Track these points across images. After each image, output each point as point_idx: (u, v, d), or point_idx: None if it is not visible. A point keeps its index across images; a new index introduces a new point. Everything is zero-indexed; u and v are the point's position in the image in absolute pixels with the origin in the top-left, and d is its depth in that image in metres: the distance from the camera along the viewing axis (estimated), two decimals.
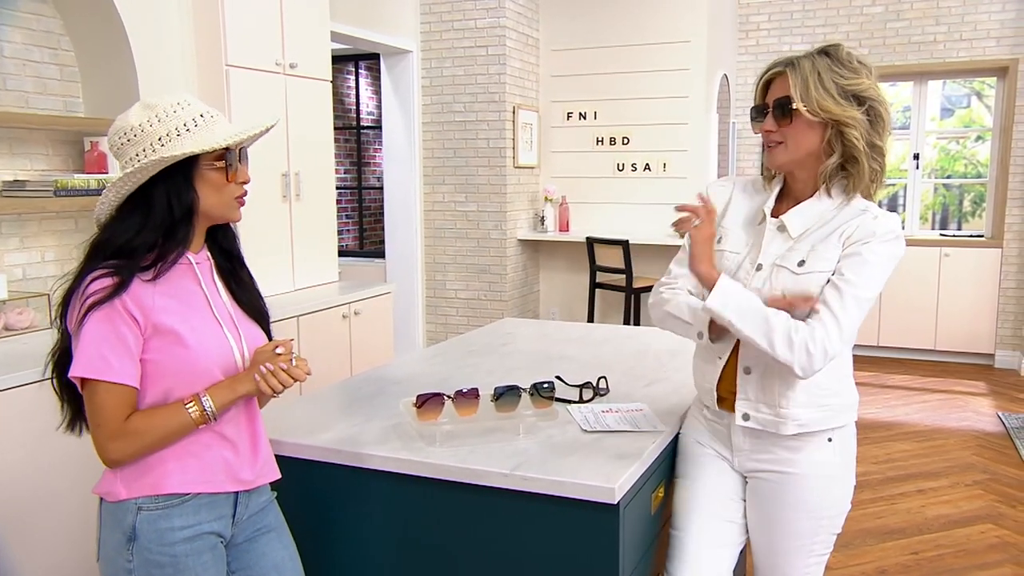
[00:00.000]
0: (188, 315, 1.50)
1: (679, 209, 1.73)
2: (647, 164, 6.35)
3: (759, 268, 1.73)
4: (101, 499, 1.51)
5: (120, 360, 1.41)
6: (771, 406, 1.72)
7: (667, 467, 1.91)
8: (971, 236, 6.82)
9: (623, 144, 6.41)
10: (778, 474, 1.76)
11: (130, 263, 1.44)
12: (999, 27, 6.38)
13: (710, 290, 1.67)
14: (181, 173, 1.47)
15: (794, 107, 1.64)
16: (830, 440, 1.75)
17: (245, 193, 1.57)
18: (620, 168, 6.44)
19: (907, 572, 3.21)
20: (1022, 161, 6.41)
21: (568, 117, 6.55)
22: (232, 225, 1.65)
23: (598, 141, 6.48)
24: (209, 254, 1.62)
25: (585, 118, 6.50)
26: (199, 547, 1.50)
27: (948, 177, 7.34)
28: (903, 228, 6.11)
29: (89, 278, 1.42)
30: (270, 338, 1.72)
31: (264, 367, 1.49)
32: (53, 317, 1.50)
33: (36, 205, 3.01)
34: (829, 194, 1.71)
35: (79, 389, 1.46)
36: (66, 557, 2.62)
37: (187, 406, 1.45)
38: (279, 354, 1.51)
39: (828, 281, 1.65)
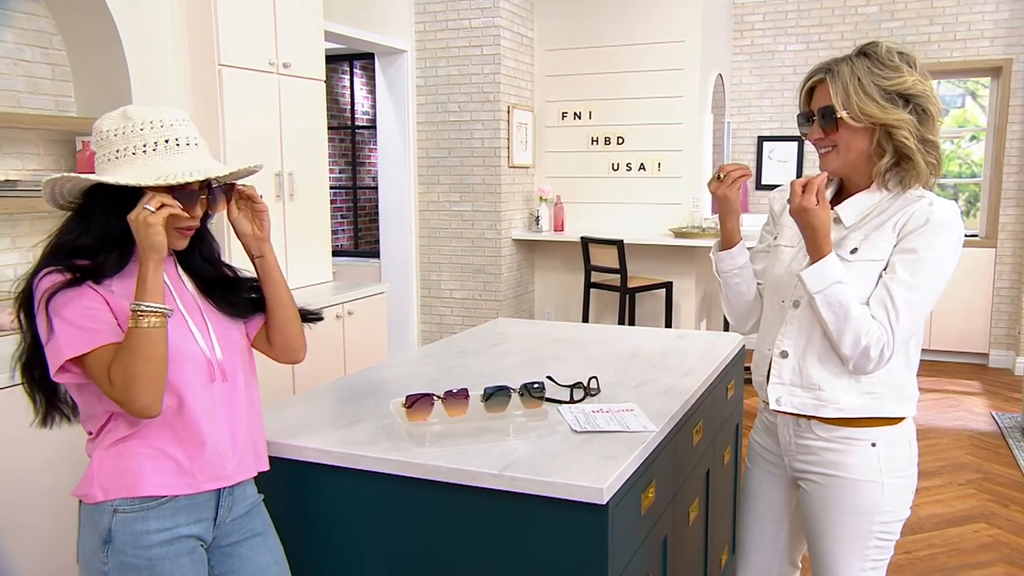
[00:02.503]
0: None
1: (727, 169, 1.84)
2: (642, 164, 6.36)
3: None
4: (80, 501, 1.51)
5: (98, 323, 1.41)
6: (809, 389, 1.73)
7: (658, 466, 1.91)
8: (966, 236, 6.79)
9: (618, 144, 6.41)
10: (824, 476, 1.76)
11: (85, 265, 1.44)
12: (993, 27, 6.39)
13: (722, 249, 1.90)
14: (124, 193, 1.44)
15: (837, 115, 1.66)
16: (874, 445, 1.72)
17: (189, 228, 1.52)
18: (615, 168, 6.45)
19: (900, 571, 3.22)
20: (1016, 161, 6.42)
21: (563, 117, 6.56)
22: (207, 250, 1.64)
23: (593, 141, 6.49)
24: (169, 251, 1.60)
25: (580, 118, 6.50)
26: (176, 550, 1.48)
27: (943, 177, 7.34)
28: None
29: (40, 274, 1.43)
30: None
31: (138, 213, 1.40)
32: (12, 320, 1.49)
33: (27, 205, 3.01)
34: (886, 187, 1.71)
35: (78, 377, 1.44)
36: (49, 559, 2.62)
37: (132, 325, 1.39)
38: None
39: (881, 275, 1.66)
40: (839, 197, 1.79)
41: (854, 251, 1.68)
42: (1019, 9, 6.31)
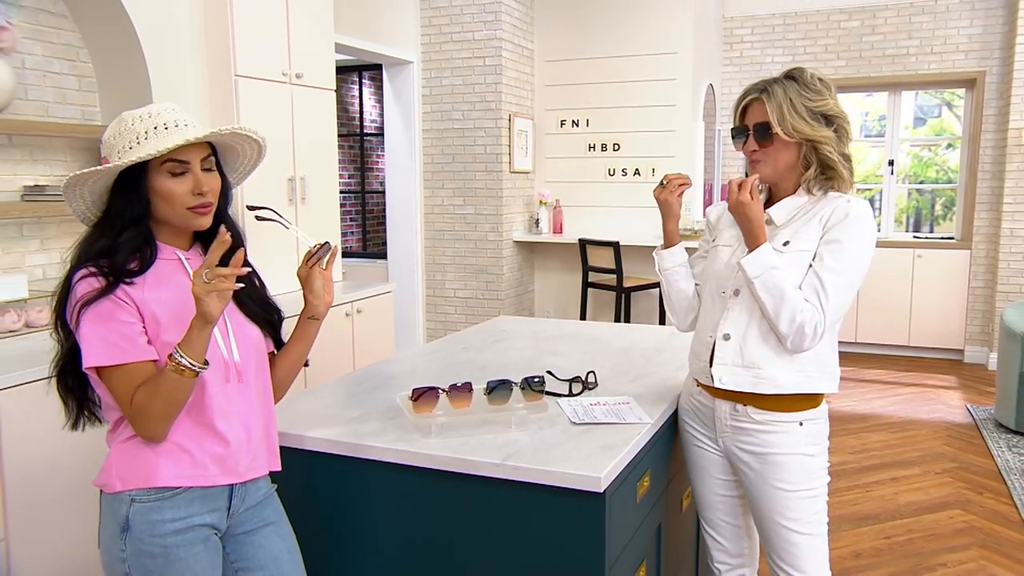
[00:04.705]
0: (175, 308, 1.48)
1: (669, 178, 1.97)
2: (636, 169, 6.35)
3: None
4: (100, 490, 1.51)
5: (125, 340, 1.41)
6: (748, 368, 1.81)
7: (652, 457, 1.91)
8: (942, 238, 6.83)
9: (614, 150, 6.41)
10: (759, 456, 1.84)
11: (111, 263, 1.44)
12: (967, 41, 6.39)
13: (665, 247, 2.00)
14: (132, 183, 1.46)
15: (773, 131, 1.77)
16: (801, 424, 1.83)
17: (202, 204, 1.49)
18: (611, 173, 6.44)
19: (880, 555, 3.22)
20: (990, 167, 6.42)
21: (561, 124, 6.55)
22: (231, 233, 1.62)
23: (590, 147, 6.48)
24: (201, 251, 1.60)
25: (577, 125, 6.50)
26: (190, 539, 1.48)
27: (921, 182, 7.35)
28: (879, 230, 6.16)
29: (76, 276, 1.42)
30: (278, 340, 1.71)
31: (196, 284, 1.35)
32: (51, 326, 1.49)
33: (55, 209, 3.01)
34: (811, 192, 1.83)
35: (94, 381, 1.45)
36: (76, 542, 2.62)
37: (168, 369, 1.39)
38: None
39: (811, 265, 1.76)
40: (767, 204, 1.91)
41: (786, 243, 1.80)
42: (992, 24, 6.31)
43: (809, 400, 1.83)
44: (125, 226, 1.46)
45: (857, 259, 1.75)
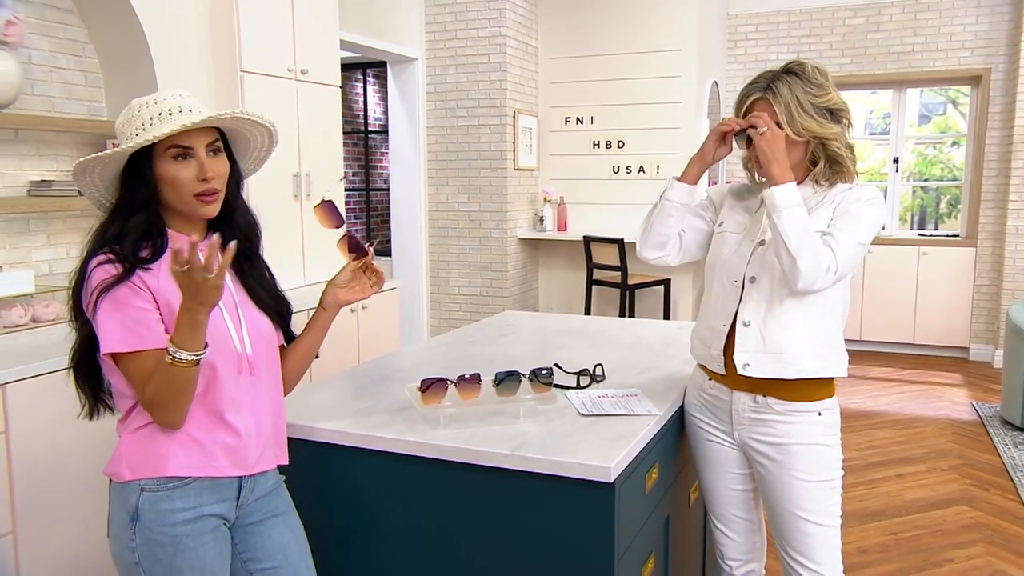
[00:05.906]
0: None
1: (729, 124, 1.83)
2: (641, 167, 6.35)
3: (761, 243, 1.83)
4: (110, 479, 1.51)
5: (142, 327, 1.40)
6: (771, 354, 1.80)
7: (661, 448, 1.91)
8: (947, 236, 6.81)
9: (618, 148, 6.41)
10: (776, 448, 1.83)
11: (123, 248, 1.43)
12: (973, 38, 6.37)
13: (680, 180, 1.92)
14: (138, 168, 1.46)
15: (782, 132, 1.74)
16: (819, 414, 1.83)
17: (207, 191, 1.48)
18: (615, 170, 6.44)
19: (886, 551, 3.21)
20: (995, 165, 6.40)
21: (566, 122, 6.55)
22: (244, 222, 1.62)
23: (594, 144, 6.48)
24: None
25: (582, 123, 6.49)
26: (200, 528, 1.47)
27: (926, 180, 7.33)
28: (883, 229, 6.10)
29: (93, 263, 1.42)
30: (287, 333, 1.71)
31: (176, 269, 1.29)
32: (68, 315, 1.49)
33: (61, 204, 3.01)
34: (817, 183, 1.82)
35: (114, 366, 1.44)
36: (86, 532, 2.63)
37: (167, 361, 1.36)
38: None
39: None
40: None
41: None
42: (997, 21, 6.29)
43: (825, 388, 1.83)
44: (134, 211, 1.47)
45: (866, 224, 1.74)
